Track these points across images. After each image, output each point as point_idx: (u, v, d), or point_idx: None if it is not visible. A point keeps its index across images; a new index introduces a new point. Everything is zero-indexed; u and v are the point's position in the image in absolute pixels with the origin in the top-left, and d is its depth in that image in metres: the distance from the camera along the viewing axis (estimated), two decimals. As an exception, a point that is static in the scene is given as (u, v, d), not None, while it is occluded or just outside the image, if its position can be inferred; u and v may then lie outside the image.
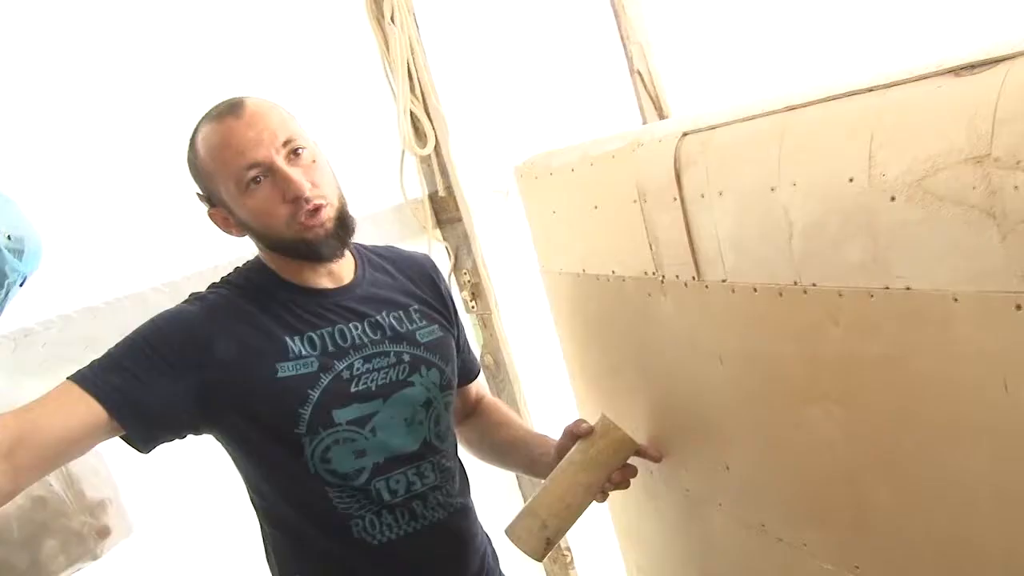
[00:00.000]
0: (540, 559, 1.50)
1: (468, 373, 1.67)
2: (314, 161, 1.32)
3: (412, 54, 2.16)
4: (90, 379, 1.22)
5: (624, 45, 2.78)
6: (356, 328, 1.39)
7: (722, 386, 1.43)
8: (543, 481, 1.50)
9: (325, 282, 1.40)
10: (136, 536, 1.53)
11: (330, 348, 1.36)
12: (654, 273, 1.51)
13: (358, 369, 1.37)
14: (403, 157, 2.24)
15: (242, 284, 1.39)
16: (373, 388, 1.37)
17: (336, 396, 1.34)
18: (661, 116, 2.83)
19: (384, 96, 2.22)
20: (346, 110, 2.18)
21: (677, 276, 1.45)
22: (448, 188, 2.27)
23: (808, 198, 1.14)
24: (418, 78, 2.19)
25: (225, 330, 1.32)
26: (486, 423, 1.70)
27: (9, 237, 1.31)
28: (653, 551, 1.94)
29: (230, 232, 1.38)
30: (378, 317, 1.42)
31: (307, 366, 1.33)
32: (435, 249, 2.31)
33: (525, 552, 1.45)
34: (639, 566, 2.03)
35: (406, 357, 1.42)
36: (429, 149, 2.22)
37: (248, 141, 1.27)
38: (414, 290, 1.51)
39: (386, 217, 2.26)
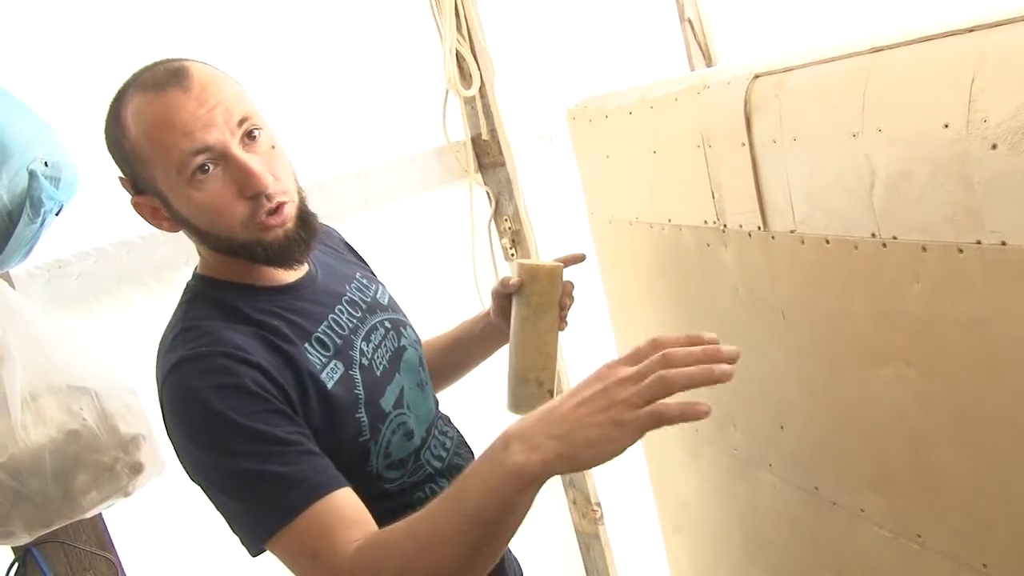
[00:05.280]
0: None
1: None
2: (273, 147, 1.11)
3: (460, -9, 2.09)
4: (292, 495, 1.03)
5: (675, -9, 2.71)
6: (342, 313, 1.24)
7: (783, 342, 1.38)
8: (510, 349, 1.43)
9: (290, 274, 1.21)
10: (169, 473, 1.50)
11: (338, 342, 1.20)
12: (715, 222, 1.44)
13: (367, 352, 1.23)
14: (447, 98, 2.17)
15: (215, 314, 1.13)
16: (387, 365, 1.26)
17: (373, 386, 1.21)
18: (709, 65, 2.75)
19: (430, 34, 2.15)
20: (391, 48, 2.12)
21: (740, 226, 1.39)
22: (492, 131, 2.20)
23: (895, 145, 1.08)
24: (465, 17, 2.11)
25: (268, 365, 1.08)
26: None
27: (46, 164, 1.28)
28: (692, 512, 1.89)
29: (160, 226, 1.14)
30: (348, 294, 1.29)
31: (336, 369, 1.16)
32: (476, 194, 2.25)
33: None
34: (676, 526, 1.99)
35: (387, 324, 1.31)
36: (474, 91, 2.15)
37: (197, 120, 1.04)
38: (347, 257, 1.42)
39: (427, 159, 2.20)
